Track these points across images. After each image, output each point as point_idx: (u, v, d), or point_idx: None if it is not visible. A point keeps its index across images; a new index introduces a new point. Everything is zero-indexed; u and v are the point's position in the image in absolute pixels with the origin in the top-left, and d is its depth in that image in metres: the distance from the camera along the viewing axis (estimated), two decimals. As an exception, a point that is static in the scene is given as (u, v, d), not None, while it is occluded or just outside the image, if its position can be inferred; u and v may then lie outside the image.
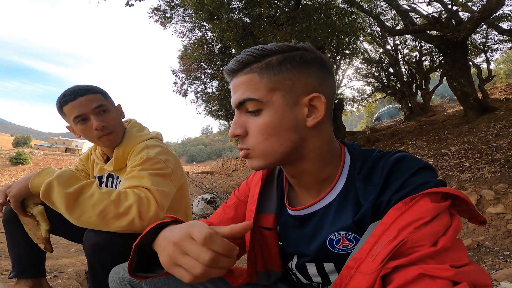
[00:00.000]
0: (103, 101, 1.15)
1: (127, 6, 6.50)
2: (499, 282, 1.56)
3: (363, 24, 12.14)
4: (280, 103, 0.56)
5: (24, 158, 26.75)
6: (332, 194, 0.62)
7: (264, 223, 0.71)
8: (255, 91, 0.57)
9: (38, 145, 58.79)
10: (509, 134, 4.36)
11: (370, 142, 8.56)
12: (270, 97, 0.56)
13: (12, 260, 1.22)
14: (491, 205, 2.44)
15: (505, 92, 11.59)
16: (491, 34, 10.89)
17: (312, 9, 6.90)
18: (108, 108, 1.16)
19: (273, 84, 0.56)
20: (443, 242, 0.44)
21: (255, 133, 0.58)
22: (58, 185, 0.85)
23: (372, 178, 0.58)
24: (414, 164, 0.55)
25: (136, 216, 0.87)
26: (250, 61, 0.58)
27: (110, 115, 1.17)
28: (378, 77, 15.08)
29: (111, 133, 1.17)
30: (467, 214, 0.53)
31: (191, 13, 8.67)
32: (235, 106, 0.60)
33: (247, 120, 0.59)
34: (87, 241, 0.92)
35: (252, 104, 0.57)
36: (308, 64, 0.58)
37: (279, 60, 0.57)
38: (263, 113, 0.57)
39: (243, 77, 0.58)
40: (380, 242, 0.47)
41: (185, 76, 11.40)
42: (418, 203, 0.48)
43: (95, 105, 1.12)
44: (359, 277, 0.47)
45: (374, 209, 0.55)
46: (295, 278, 0.74)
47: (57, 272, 1.83)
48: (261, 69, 0.57)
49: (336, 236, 0.60)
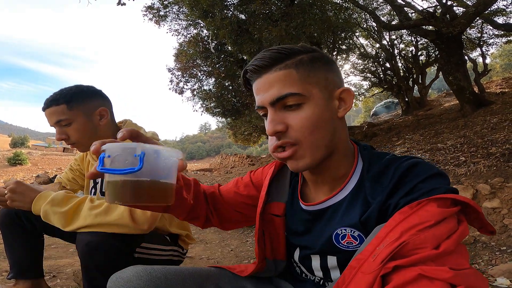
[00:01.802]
0: (63, 115, 1.13)
1: (119, 5, 6.42)
2: (495, 278, 1.56)
3: (358, 19, 12.12)
4: (319, 97, 0.60)
5: (22, 159, 26.68)
6: (344, 191, 0.64)
7: (275, 210, 0.75)
8: (294, 85, 0.59)
9: (35, 145, 58.55)
10: (504, 128, 4.37)
11: (367, 136, 8.56)
12: (311, 91, 0.59)
13: (10, 261, 1.24)
14: (487, 199, 2.45)
15: (501, 86, 11.62)
16: (486, 29, 10.89)
17: (307, 4, 6.86)
18: (69, 121, 1.14)
19: (311, 79, 0.60)
20: (446, 245, 0.44)
21: (299, 126, 0.59)
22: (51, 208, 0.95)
23: (381, 180, 0.59)
24: (426, 170, 0.56)
25: (128, 221, 0.92)
26: (282, 58, 0.60)
27: (71, 128, 1.15)
28: (374, 72, 15.08)
29: (75, 143, 1.18)
30: (477, 223, 0.53)
31: (186, 11, 8.60)
32: (270, 103, 0.60)
33: (286, 116, 0.60)
34: (79, 242, 0.93)
35: (294, 99, 0.59)
36: (333, 63, 0.64)
37: (310, 58, 0.61)
38: (305, 107, 0.59)
39: (279, 73, 0.59)
40: (383, 243, 0.47)
41: (181, 74, 11.35)
42: (424, 207, 0.48)
43: (54, 120, 1.13)
44: (360, 276, 0.47)
45: (382, 211, 0.56)
46: (299, 271, 0.76)
47: (55, 272, 1.83)
48: (296, 65, 0.59)
49: (342, 232, 0.62)
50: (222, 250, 2.84)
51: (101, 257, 0.91)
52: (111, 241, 0.92)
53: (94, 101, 1.19)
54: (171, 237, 1.29)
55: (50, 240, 2.36)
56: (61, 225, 0.93)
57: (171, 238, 1.29)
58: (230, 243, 3.12)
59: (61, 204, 0.95)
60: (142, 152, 0.45)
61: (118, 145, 0.47)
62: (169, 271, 0.70)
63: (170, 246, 1.25)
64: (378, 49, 14.33)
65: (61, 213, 0.94)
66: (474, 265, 1.79)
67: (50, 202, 0.95)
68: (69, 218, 0.94)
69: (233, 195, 0.84)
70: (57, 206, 0.95)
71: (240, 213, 0.84)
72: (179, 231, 1.30)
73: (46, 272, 1.71)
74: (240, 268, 0.81)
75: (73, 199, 0.98)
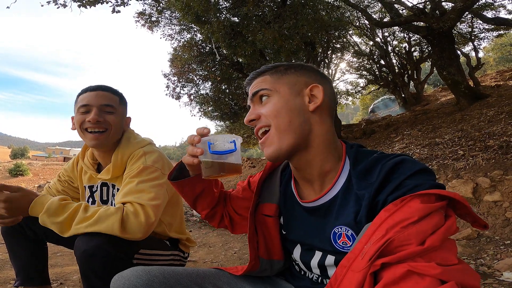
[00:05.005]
0: (115, 104, 1.17)
1: (113, 13, 6.43)
2: (501, 272, 1.55)
3: (351, 17, 12.18)
4: (286, 92, 0.70)
5: (23, 170, 26.61)
6: (334, 189, 0.68)
7: (266, 211, 0.80)
8: (266, 85, 0.72)
9: (36, 155, 58.17)
10: (501, 120, 4.39)
11: (366, 134, 8.57)
12: (278, 88, 0.71)
13: (16, 269, 1.24)
14: (487, 193, 2.45)
15: (496, 79, 11.69)
16: (477, 23, 10.98)
17: (299, 5, 6.87)
18: (115, 111, 1.17)
19: (280, 79, 0.72)
20: (431, 241, 0.45)
21: (267, 113, 0.70)
22: (48, 218, 0.97)
23: (367, 176, 0.62)
24: (411, 167, 0.58)
25: (118, 232, 0.95)
26: (265, 71, 0.75)
27: (112, 117, 1.16)
28: (370, 70, 15.15)
29: (104, 131, 1.14)
30: (469, 218, 0.54)
31: (178, 16, 8.61)
32: (250, 98, 0.75)
33: (259, 109, 0.72)
34: (77, 249, 0.94)
35: (264, 92, 0.72)
36: (308, 70, 0.74)
37: (285, 67, 0.74)
38: (272, 99, 0.71)
39: (259, 79, 0.75)
40: (370, 241, 0.48)
41: (177, 79, 11.33)
42: (408, 204, 0.50)
43: (105, 102, 1.15)
44: (350, 275, 0.48)
45: (371, 208, 0.59)
46: (298, 268, 0.79)
47: (62, 279, 1.84)
48: (272, 72, 0.74)
49: (338, 230, 0.65)
50: (226, 253, 2.83)
51: (99, 264, 0.92)
52: (108, 248, 0.93)
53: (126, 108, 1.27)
54: (171, 241, 1.29)
55: (55, 248, 2.35)
56: (59, 232, 0.97)
57: (171, 242, 1.28)
58: (233, 246, 3.11)
59: (57, 214, 0.97)
60: (233, 140, 0.71)
61: (219, 136, 0.71)
62: (167, 271, 0.73)
63: (170, 251, 1.25)
64: (372, 46, 14.41)
65: (57, 223, 0.96)
66: (479, 260, 1.78)
67: (46, 212, 0.97)
68: (65, 227, 0.97)
69: (236, 199, 0.92)
70: (53, 216, 0.96)
71: (242, 217, 0.90)
72: (179, 235, 1.30)
73: (53, 279, 1.74)
74: (236, 269, 0.84)
75: (69, 207, 0.99)
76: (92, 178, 1.27)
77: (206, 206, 0.88)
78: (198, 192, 0.84)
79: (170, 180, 0.84)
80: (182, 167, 0.85)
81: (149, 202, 1.02)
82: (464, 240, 2.10)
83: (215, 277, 0.79)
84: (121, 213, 0.97)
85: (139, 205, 1.01)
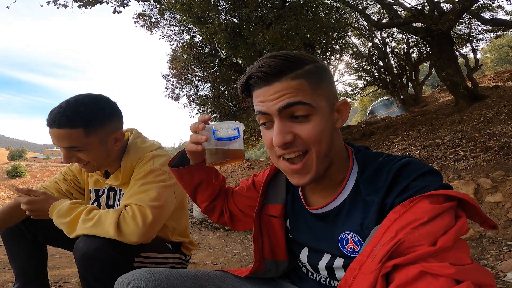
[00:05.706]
0: (78, 141, 1.01)
1: (115, 13, 6.43)
2: (505, 273, 1.53)
3: (350, 19, 12.22)
4: (325, 108, 0.61)
5: (21, 171, 26.48)
6: (342, 195, 0.66)
7: (272, 211, 0.78)
8: (306, 95, 0.59)
9: (33, 157, 57.91)
10: (501, 121, 4.40)
11: (365, 135, 8.58)
12: (319, 103, 0.60)
13: (15, 272, 1.23)
14: (489, 194, 2.44)
15: (494, 80, 11.75)
16: (475, 24, 11.05)
17: (298, 6, 6.90)
18: (83, 147, 1.03)
19: (319, 91, 0.61)
20: (442, 241, 0.44)
21: (308, 137, 0.60)
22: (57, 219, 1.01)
23: (375, 181, 0.61)
24: (418, 168, 0.57)
25: (113, 235, 0.94)
26: (291, 67, 0.59)
27: (83, 154, 1.05)
28: (369, 71, 15.18)
29: (87, 163, 1.09)
30: (478, 218, 0.53)
31: (178, 17, 8.61)
32: (278, 110, 0.59)
33: (293, 126, 0.60)
34: (76, 251, 0.94)
35: (304, 109, 0.59)
36: (331, 74, 0.66)
37: (316, 69, 0.62)
38: (312, 118, 0.60)
39: (291, 83, 0.59)
40: (380, 243, 0.48)
41: (176, 80, 11.33)
42: (417, 205, 0.49)
43: (66, 145, 1.01)
44: (361, 277, 0.48)
45: (380, 212, 0.58)
46: (305, 270, 0.78)
47: (61, 282, 1.82)
48: (307, 75, 0.60)
49: (346, 236, 0.64)
50: (226, 255, 2.81)
51: (98, 266, 0.91)
52: (108, 250, 0.92)
53: (113, 123, 1.10)
54: (173, 244, 1.27)
55: (54, 250, 2.34)
56: (67, 232, 1.00)
57: (173, 245, 1.27)
58: (234, 247, 3.09)
59: (65, 215, 1.00)
60: (237, 127, 0.71)
61: (222, 123, 0.71)
62: (171, 273, 0.73)
63: (171, 254, 1.24)
64: (370, 48, 14.45)
65: (64, 223, 1.00)
66: (482, 261, 1.78)
67: (57, 213, 1.01)
68: (71, 228, 0.99)
69: (239, 196, 0.91)
70: (61, 217, 1.00)
71: (244, 214, 0.90)
72: (182, 238, 1.29)
73: (51, 282, 1.71)
74: (240, 271, 0.84)
75: (76, 209, 1.01)
76: (99, 182, 1.25)
77: (206, 198, 0.88)
78: (197, 181, 0.84)
79: (170, 167, 0.84)
80: (183, 156, 0.84)
81: (149, 202, 1.00)
82: (466, 241, 2.09)
83: (219, 279, 0.79)
84: (117, 216, 0.96)
85: (138, 206, 0.99)
